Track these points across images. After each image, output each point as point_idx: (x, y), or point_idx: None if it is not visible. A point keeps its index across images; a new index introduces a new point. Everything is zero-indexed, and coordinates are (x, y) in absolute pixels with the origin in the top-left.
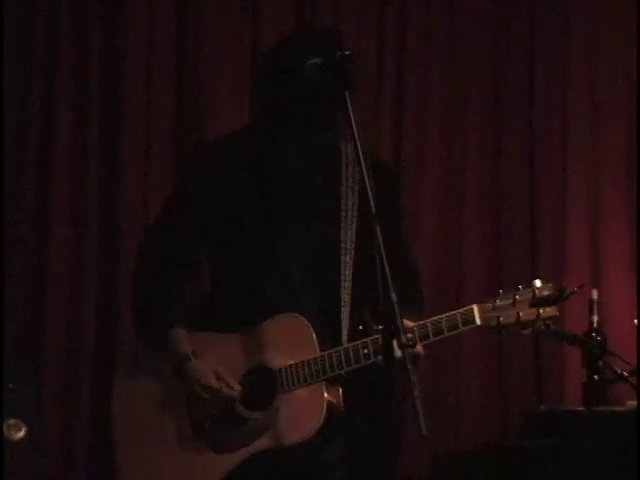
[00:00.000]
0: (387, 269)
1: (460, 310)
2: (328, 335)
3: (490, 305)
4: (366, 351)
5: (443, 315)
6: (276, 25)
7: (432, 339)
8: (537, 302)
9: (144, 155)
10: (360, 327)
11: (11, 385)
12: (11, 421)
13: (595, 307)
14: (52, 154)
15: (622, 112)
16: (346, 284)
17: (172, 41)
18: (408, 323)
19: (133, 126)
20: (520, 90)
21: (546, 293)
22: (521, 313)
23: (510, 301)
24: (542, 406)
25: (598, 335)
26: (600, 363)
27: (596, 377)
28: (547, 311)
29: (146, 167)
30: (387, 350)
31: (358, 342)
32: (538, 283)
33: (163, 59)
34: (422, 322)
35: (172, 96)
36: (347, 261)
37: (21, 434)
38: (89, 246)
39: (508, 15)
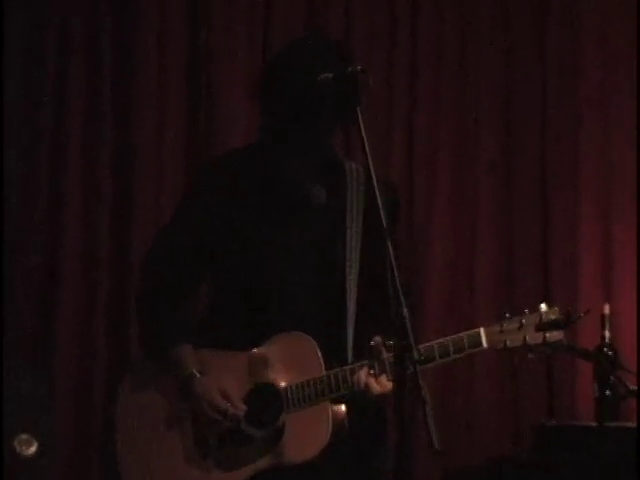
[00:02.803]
0: (399, 284)
1: (467, 332)
2: (333, 353)
3: (497, 328)
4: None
5: (450, 337)
6: (288, 26)
7: (438, 361)
8: (543, 326)
9: (156, 159)
10: (372, 342)
11: (23, 400)
12: (23, 436)
13: (607, 322)
14: (63, 162)
15: (634, 133)
16: (351, 301)
17: (183, 43)
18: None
19: (145, 133)
20: (532, 112)
21: (552, 317)
22: (527, 337)
23: (517, 325)
24: (553, 421)
25: (610, 350)
26: (612, 378)
27: (608, 392)
28: (553, 335)
29: (158, 172)
30: (398, 366)
31: (365, 362)
32: (544, 307)
33: (174, 61)
34: (428, 344)
35: (183, 100)
36: (352, 278)
37: (33, 449)
38: (101, 259)
39: (519, 35)
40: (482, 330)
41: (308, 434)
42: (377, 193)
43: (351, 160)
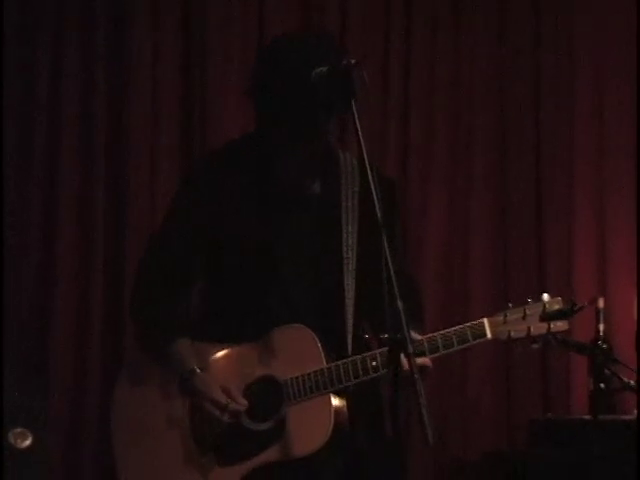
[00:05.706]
0: (394, 277)
1: (471, 324)
2: (333, 346)
3: (501, 319)
4: (374, 363)
5: (453, 328)
6: (283, 23)
7: (442, 352)
8: (547, 316)
9: (150, 159)
10: (366, 335)
11: (18, 394)
12: (17, 430)
13: (601, 315)
14: (57, 164)
15: (628, 133)
16: (350, 293)
17: (178, 41)
18: (416, 336)
19: (139, 132)
20: (526, 107)
21: (556, 307)
22: (532, 327)
23: (520, 315)
24: (549, 415)
25: (604, 343)
26: (606, 372)
27: (603, 386)
28: (558, 325)
29: (152, 174)
30: (393, 359)
31: (367, 354)
32: (546, 297)
33: (169, 62)
34: (432, 335)
35: (178, 105)
36: (349, 270)
37: (27, 443)
38: (95, 262)
39: (514, 33)
40: (486, 321)
41: (310, 427)
42: (372, 185)
43: (346, 152)
